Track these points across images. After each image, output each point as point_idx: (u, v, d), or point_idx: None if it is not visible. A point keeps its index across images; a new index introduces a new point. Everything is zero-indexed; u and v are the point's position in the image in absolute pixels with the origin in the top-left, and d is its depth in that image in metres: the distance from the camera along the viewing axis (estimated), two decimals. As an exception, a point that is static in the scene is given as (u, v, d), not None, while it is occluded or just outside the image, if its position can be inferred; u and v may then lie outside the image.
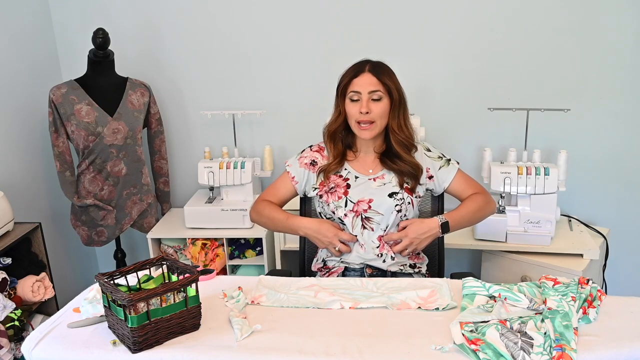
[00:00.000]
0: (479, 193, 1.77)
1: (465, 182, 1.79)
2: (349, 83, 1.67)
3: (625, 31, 2.40)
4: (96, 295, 1.43)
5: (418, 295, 1.44)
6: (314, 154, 1.81)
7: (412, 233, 1.66)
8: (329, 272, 1.78)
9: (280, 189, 1.83)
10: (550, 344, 1.17)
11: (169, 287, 1.26)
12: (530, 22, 2.46)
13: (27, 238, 2.25)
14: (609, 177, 2.59)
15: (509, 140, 2.52)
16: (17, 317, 2.04)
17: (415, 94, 2.06)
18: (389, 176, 1.73)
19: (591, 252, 2.22)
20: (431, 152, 1.80)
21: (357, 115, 1.66)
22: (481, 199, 1.76)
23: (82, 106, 2.41)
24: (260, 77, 2.71)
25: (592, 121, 2.53)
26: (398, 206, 1.69)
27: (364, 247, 1.71)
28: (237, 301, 1.44)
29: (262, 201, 1.83)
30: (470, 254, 2.75)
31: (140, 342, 1.23)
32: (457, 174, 1.78)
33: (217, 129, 2.77)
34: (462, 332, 1.24)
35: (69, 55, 2.79)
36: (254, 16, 2.62)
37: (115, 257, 2.83)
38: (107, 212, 2.56)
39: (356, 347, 1.22)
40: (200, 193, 2.72)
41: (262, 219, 1.81)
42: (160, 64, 2.75)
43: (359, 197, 1.71)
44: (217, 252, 2.54)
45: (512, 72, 2.53)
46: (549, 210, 2.23)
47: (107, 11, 2.68)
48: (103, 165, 2.48)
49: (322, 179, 1.76)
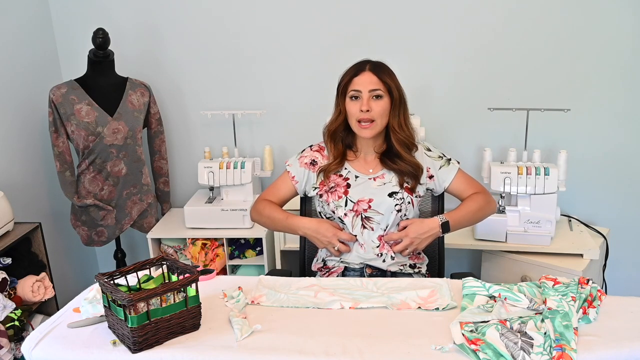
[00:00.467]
0: (480, 193, 1.77)
1: (465, 181, 1.79)
2: (349, 82, 1.68)
3: (625, 31, 2.40)
4: (96, 295, 1.43)
5: (418, 295, 1.44)
6: (314, 153, 1.81)
7: (413, 233, 1.66)
8: (329, 272, 1.78)
9: (280, 188, 1.84)
10: (550, 344, 1.17)
11: (169, 287, 1.26)
12: (530, 22, 2.46)
13: (27, 238, 2.25)
14: (609, 177, 2.59)
15: (509, 140, 2.52)
16: (17, 317, 2.04)
17: (415, 94, 2.06)
18: (389, 176, 1.74)
19: (591, 252, 2.22)
20: (431, 151, 1.80)
21: (358, 114, 1.67)
22: (482, 198, 1.76)
23: (82, 106, 2.41)
24: (260, 77, 2.71)
25: (592, 121, 2.53)
26: (398, 206, 1.69)
27: (364, 246, 1.71)
28: (237, 301, 1.44)
29: (262, 201, 1.83)
30: (470, 254, 2.75)
31: (140, 342, 1.23)
32: (458, 173, 1.78)
33: (217, 129, 2.77)
34: (462, 332, 1.24)
35: (69, 55, 2.79)
36: (254, 16, 2.62)
37: (115, 257, 2.83)
38: (107, 212, 2.56)
39: (356, 347, 1.22)
40: (200, 193, 2.72)
41: (262, 219, 1.82)
42: (160, 64, 2.75)
43: (359, 196, 1.71)
44: (217, 252, 2.54)
45: (512, 72, 2.53)
46: (549, 210, 2.23)
47: (107, 11, 2.68)
48: (103, 165, 2.48)
49: (322, 178, 1.76)
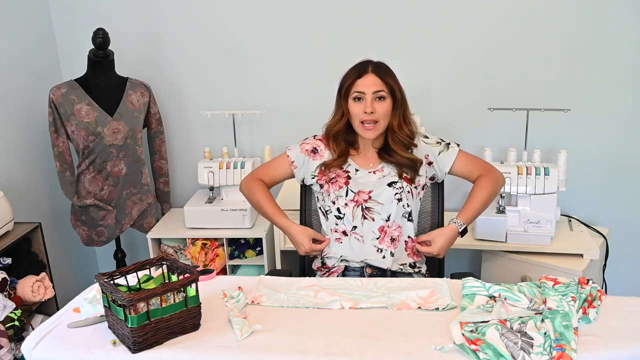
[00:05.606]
0: (484, 175, 1.77)
1: (469, 162, 1.79)
2: (352, 83, 1.69)
3: (626, 31, 2.40)
4: (96, 295, 1.43)
5: (418, 295, 1.44)
6: (317, 142, 1.82)
7: (440, 250, 1.72)
8: (329, 272, 1.78)
9: (276, 168, 1.86)
10: (550, 344, 1.17)
11: (169, 287, 1.26)
12: (530, 22, 2.46)
13: (27, 238, 2.25)
14: (609, 177, 2.59)
15: (509, 140, 2.52)
16: (17, 317, 2.04)
17: (415, 94, 2.06)
18: (388, 169, 1.75)
19: (591, 252, 2.22)
20: (429, 138, 1.80)
21: (362, 115, 1.68)
22: (488, 181, 1.76)
23: (82, 106, 2.41)
24: (260, 77, 2.71)
25: (592, 121, 2.53)
26: (398, 195, 1.71)
27: (363, 238, 1.72)
28: (237, 301, 1.44)
29: (256, 180, 1.85)
30: (470, 254, 2.75)
31: (140, 342, 1.23)
32: (459, 155, 1.78)
33: (217, 129, 2.77)
34: (462, 332, 1.24)
35: (69, 55, 2.79)
36: (254, 16, 2.62)
37: (115, 257, 2.83)
38: (107, 212, 2.56)
39: (356, 347, 1.22)
40: (200, 193, 2.72)
41: (251, 199, 1.86)
42: (160, 64, 2.75)
43: (359, 188, 1.73)
44: (217, 252, 2.54)
45: (512, 72, 2.53)
46: (549, 210, 2.23)
47: (107, 11, 2.68)
48: (103, 165, 2.48)
49: (323, 168, 1.77)
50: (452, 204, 2.51)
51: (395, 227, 1.73)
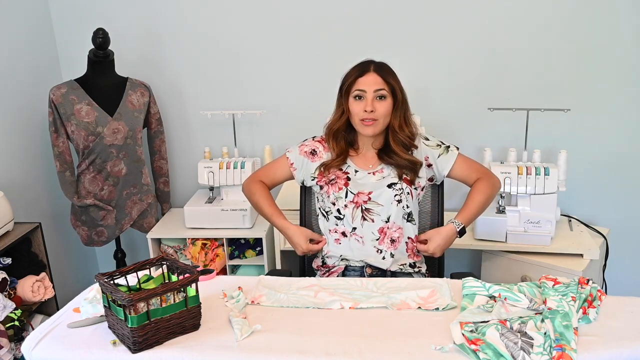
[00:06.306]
0: (482, 178, 1.78)
1: (467, 166, 1.80)
2: (354, 82, 1.69)
3: (626, 31, 2.40)
4: (96, 295, 1.43)
5: (418, 295, 1.44)
6: (316, 143, 1.83)
7: (436, 249, 1.72)
8: (329, 272, 1.78)
9: (276, 171, 1.88)
10: (550, 344, 1.17)
11: (169, 287, 1.26)
12: (530, 22, 2.46)
13: (27, 238, 2.25)
14: (609, 177, 2.59)
15: (509, 140, 2.52)
16: (17, 317, 2.04)
17: (416, 94, 2.06)
18: (388, 170, 1.75)
19: (591, 252, 2.22)
20: (429, 140, 1.81)
21: (362, 114, 1.68)
22: (485, 185, 1.77)
23: (82, 106, 2.41)
24: (260, 77, 2.71)
25: (592, 121, 2.53)
26: (397, 196, 1.71)
27: (363, 239, 1.72)
28: (237, 301, 1.44)
29: (257, 182, 1.88)
30: (470, 254, 2.75)
31: (140, 342, 1.23)
32: (458, 159, 1.78)
33: (217, 129, 2.77)
34: (462, 332, 1.24)
35: (69, 55, 2.79)
36: (254, 16, 2.62)
37: (115, 257, 2.83)
38: (107, 212, 2.56)
39: (356, 347, 1.22)
40: (200, 193, 2.72)
41: (252, 200, 1.89)
42: (160, 64, 2.75)
43: (359, 189, 1.73)
44: (217, 252, 2.54)
45: (512, 72, 2.53)
46: (549, 210, 2.23)
47: (107, 11, 2.68)
48: (103, 165, 2.48)
49: (322, 170, 1.77)
50: (451, 204, 2.50)
51: (396, 228, 1.73)
